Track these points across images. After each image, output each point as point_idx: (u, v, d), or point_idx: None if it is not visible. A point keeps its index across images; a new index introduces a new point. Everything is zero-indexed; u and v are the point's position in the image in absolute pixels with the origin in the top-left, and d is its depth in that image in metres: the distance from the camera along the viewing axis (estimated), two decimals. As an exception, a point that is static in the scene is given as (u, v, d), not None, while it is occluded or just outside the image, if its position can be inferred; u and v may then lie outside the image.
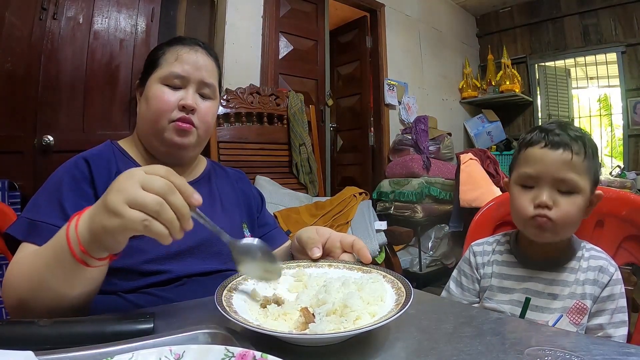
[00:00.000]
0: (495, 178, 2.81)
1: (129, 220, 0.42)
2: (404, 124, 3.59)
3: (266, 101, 2.38)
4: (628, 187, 2.87)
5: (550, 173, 0.74)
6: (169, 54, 0.76)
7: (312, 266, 0.59)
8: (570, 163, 0.73)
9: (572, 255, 0.79)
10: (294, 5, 2.87)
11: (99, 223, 0.45)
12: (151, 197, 0.43)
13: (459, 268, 0.91)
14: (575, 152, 0.73)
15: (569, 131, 0.76)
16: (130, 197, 0.43)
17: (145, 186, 0.43)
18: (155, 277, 0.66)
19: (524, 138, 0.81)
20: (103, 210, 0.44)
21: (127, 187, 0.43)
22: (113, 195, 0.44)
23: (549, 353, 0.41)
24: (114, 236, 0.45)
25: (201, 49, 0.78)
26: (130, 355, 0.34)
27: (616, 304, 0.73)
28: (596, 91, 4.38)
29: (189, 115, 0.74)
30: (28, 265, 0.53)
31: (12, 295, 0.53)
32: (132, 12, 2.06)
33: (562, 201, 0.74)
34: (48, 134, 1.78)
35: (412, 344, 0.44)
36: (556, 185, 0.74)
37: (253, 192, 0.92)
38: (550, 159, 0.74)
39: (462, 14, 4.50)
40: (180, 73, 0.74)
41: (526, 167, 0.78)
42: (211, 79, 0.78)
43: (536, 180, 0.76)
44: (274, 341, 0.42)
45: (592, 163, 0.75)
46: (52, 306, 0.51)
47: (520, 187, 0.79)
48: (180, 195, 0.45)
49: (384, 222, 2.03)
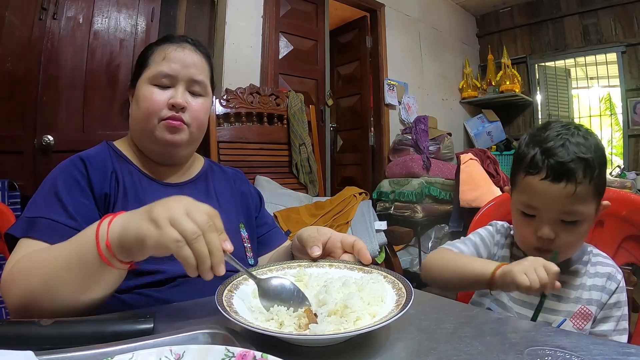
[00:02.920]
0: (495, 178, 2.81)
1: (166, 236, 0.44)
2: (404, 124, 3.59)
3: (266, 101, 2.37)
4: (628, 187, 2.87)
5: (554, 207, 0.69)
6: (157, 54, 0.75)
7: (313, 266, 0.59)
8: (574, 196, 0.66)
9: (579, 259, 0.77)
10: (294, 5, 2.87)
11: (135, 227, 0.46)
12: (191, 225, 0.45)
13: (477, 234, 0.86)
14: (579, 182, 0.66)
15: (572, 149, 0.67)
16: (175, 217, 0.45)
17: (190, 215, 0.46)
18: (149, 277, 0.66)
19: (523, 153, 0.73)
20: (145, 218, 0.46)
21: (174, 207, 0.46)
22: (159, 208, 0.46)
23: (549, 353, 0.41)
24: (143, 244, 0.46)
25: (189, 46, 0.77)
26: (130, 355, 0.34)
27: (622, 312, 0.72)
28: (596, 91, 4.38)
29: (179, 114, 0.73)
30: (42, 262, 0.53)
31: (17, 292, 0.52)
32: (132, 12, 2.06)
33: (566, 232, 0.70)
34: (48, 134, 1.78)
35: (412, 344, 0.44)
36: (560, 216, 0.69)
37: (251, 192, 0.92)
38: (552, 193, 0.68)
39: (462, 14, 4.50)
40: (168, 72, 0.73)
41: (527, 196, 0.72)
42: (201, 75, 0.76)
43: (537, 211, 0.71)
44: (274, 341, 0.42)
45: (599, 180, 0.69)
46: (59, 308, 0.51)
47: (522, 214, 0.74)
48: (218, 237, 0.47)
49: (384, 222, 2.03)
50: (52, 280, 0.51)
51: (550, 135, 0.70)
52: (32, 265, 0.53)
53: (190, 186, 0.81)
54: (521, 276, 0.63)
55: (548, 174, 0.68)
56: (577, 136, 0.69)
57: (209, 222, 0.46)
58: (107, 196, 0.69)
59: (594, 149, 0.68)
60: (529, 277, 0.63)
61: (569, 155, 0.67)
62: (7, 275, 0.55)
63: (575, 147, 0.68)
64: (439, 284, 0.80)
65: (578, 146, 0.68)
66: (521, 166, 0.73)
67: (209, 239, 0.46)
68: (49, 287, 0.51)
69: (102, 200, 0.68)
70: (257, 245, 0.87)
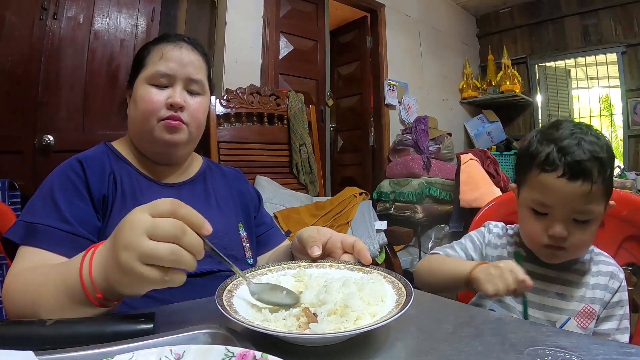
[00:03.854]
0: (495, 178, 2.81)
1: (148, 279, 0.40)
2: (404, 124, 3.59)
3: (266, 101, 2.38)
4: (628, 187, 2.87)
5: (568, 206, 0.68)
6: (154, 53, 0.75)
7: (313, 266, 0.59)
8: (590, 194, 0.66)
9: (581, 257, 0.77)
10: (294, 5, 2.87)
11: (116, 280, 0.43)
12: (164, 248, 0.40)
13: (468, 236, 0.88)
14: (595, 181, 0.66)
15: (587, 147, 0.67)
16: (142, 254, 0.40)
17: (154, 235, 0.40)
18: None
19: (536, 151, 0.72)
20: (118, 270, 0.42)
21: (133, 241, 0.40)
22: (123, 253, 0.40)
23: (549, 353, 0.41)
24: (133, 290, 0.43)
25: (186, 45, 0.76)
26: (130, 355, 0.34)
27: (624, 310, 0.73)
28: (597, 91, 4.38)
29: (177, 113, 0.73)
30: (32, 287, 0.51)
31: (12, 309, 0.53)
32: (133, 12, 2.06)
33: (578, 230, 0.70)
34: (48, 134, 1.78)
35: (412, 344, 0.44)
36: (573, 215, 0.69)
37: (250, 191, 0.91)
38: (568, 191, 0.67)
39: (463, 14, 4.50)
40: (166, 71, 0.73)
41: (540, 194, 0.71)
42: (198, 74, 0.76)
43: (550, 209, 0.70)
44: (274, 341, 0.42)
45: (610, 180, 0.69)
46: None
47: (532, 212, 0.73)
48: (193, 232, 0.42)
49: (384, 223, 2.03)
50: (43, 307, 0.49)
51: (565, 134, 0.70)
52: (23, 286, 0.53)
53: (188, 186, 0.81)
54: (485, 285, 0.66)
55: (565, 171, 0.67)
56: (590, 135, 0.69)
57: (175, 226, 0.41)
58: (105, 198, 0.69)
59: (606, 149, 0.69)
60: (494, 286, 0.65)
61: (585, 154, 0.67)
62: (7, 286, 0.55)
63: (590, 146, 0.67)
64: (428, 288, 0.82)
65: (592, 145, 0.68)
66: (534, 164, 0.72)
67: (186, 243, 0.41)
68: (37, 312, 0.49)
69: (100, 202, 0.68)
70: (257, 244, 0.87)
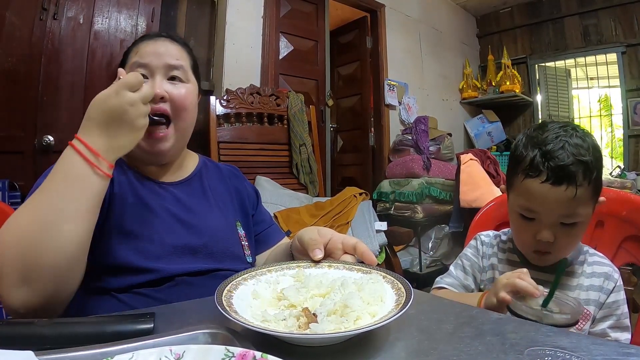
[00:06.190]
0: (495, 178, 2.81)
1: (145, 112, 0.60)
2: (404, 124, 3.59)
3: (266, 101, 2.38)
4: (628, 187, 2.87)
5: (554, 211, 0.68)
6: (132, 52, 0.75)
7: (312, 267, 0.59)
8: (576, 198, 0.66)
9: (575, 260, 0.77)
10: (294, 6, 2.87)
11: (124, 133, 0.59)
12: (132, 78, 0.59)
13: (463, 255, 0.88)
14: (579, 185, 0.65)
15: (571, 151, 0.66)
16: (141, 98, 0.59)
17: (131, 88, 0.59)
18: (147, 276, 0.65)
19: (521, 155, 0.72)
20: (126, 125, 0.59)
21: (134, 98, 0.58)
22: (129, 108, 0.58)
23: (549, 353, 0.41)
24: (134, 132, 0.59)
25: (164, 38, 0.76)
26: (130, 355, 0.34)
27: (621, 310, 0.72)
28: (596, 91, 4.38)
29: (159, 105, 0.70)
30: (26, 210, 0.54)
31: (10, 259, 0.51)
32: (133, 12, 2.06)
33: (565, 233, 0.70)
34: (48, 134, 1.78)
35: (412, 344, 0.44)
36: (559, 219, 0.69)
37: (247, 189, 0.90)
38: (553, 196, 0.67)
39: (463, 14, 4.50)
40: (141, 61, 0.72)
41: (525, 199, 0.71)
42: (178, 61, 0.74)
43: (537, 214, 0.70)
44: (274, 341, 0.42)
45: (597, 182, 0.68)
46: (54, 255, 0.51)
47: (520, 216, 0.73)
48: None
49: (384, 223, 2.03)
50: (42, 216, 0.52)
51: (549, 137, 0.69)
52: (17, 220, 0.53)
53: (185, 185, 0.80)
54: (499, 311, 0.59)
55: (549, 177, 0.67)
56: (575, 137, 0.69)
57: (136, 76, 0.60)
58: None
59: (592, 151, 0.68)
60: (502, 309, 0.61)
61: (569, 158, 0.66)
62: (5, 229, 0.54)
63: (574, 149, 0.67)
64: None
65: (577, 148, 0.67)
66: (519, 169, 0.72)
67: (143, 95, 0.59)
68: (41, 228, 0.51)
69: None
70: (255, 243, 0.86)
